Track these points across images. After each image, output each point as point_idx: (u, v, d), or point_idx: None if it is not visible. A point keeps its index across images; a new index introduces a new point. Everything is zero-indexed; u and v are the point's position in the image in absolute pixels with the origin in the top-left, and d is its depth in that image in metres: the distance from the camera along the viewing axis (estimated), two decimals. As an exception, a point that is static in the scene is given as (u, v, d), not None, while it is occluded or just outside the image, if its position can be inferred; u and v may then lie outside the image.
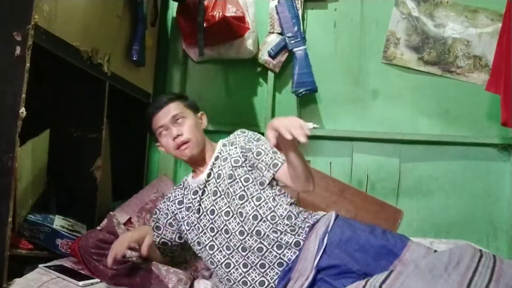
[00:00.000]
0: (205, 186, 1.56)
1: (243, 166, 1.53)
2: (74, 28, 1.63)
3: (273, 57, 2.38)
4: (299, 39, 2.35)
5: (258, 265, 1.43)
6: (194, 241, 1.55)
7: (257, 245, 1.43)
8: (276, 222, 1.44)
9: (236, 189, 1.49)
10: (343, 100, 2.45)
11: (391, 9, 2.42)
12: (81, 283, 1.39)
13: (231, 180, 1.51)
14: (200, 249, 1.54)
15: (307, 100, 2.44)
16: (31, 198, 1.64)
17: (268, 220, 1.44)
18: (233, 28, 2.23)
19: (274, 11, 2.41)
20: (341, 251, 1.35)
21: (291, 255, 1.41)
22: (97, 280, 1.45)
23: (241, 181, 1.50)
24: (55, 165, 1.81)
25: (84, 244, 1.51)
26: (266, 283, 1.41)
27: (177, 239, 1.65)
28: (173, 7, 2.50)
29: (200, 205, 1.54)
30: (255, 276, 1.42)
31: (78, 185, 1.88)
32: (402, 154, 2.39)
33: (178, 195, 1.64)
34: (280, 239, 1.42)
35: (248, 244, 1.43)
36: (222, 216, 1.49)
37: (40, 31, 1.41)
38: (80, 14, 1.67)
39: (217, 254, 1.48)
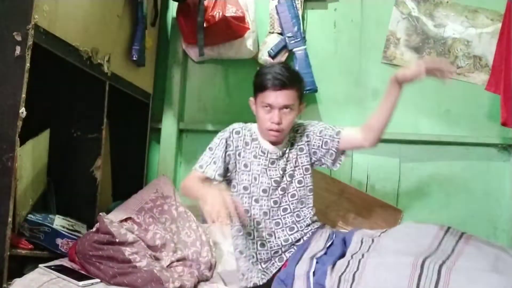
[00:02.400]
0: (275, 159, 1.65)
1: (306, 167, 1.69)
2: (74, 28, 1.63)
3: (273, 57, 2.38)
4: (299, 39, 2.35)
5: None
6: (240, 184, 1.65)
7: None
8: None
9: (297, 174, 1.67)
10: (343, 100, 2.45)
11: (391, 9, 2.42)
12: (81, 283, 1.39)
13: (295, 166, 1.66)
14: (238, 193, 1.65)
15: (307, 100, 2.44)
16: (31, 198, 1.64)
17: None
18: (233, 28, 2.23)
19: (274, 11, 2.40)
20: None
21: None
22: (97, 280, 1.45)
23: (302, 169, 1.67)
24: (55, 165, 1.81)
25: (81, 248, 1.51)
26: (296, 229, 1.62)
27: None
28: (173, 7, 2.50)
29: (264, 169, 1.63)
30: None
31: (78, 185, 1.88)
32: (402, 154, 2.39)
33: (247, 136, 1.68)
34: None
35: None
36: (277, 190, 1.63)
37: (40, 31, 1.41)
38: (80, 14, 1.67)
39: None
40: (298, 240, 1.61)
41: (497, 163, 2.32)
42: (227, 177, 1.67)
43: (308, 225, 1.64)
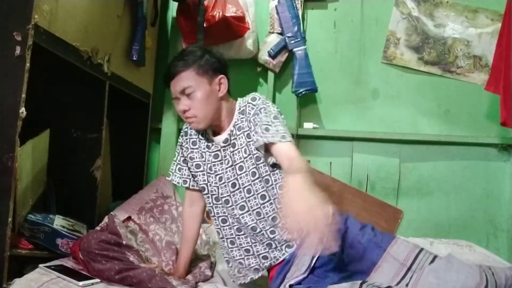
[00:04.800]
0: (219, 151, 1.50)
1: (253, 142, 1.45)
2: (74, 28, 1.63)
3: (273, 57, 2.38)
4: (299, 39, 2.35)
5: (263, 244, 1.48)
6: (201, 185, 1.55)
7: (252, 224, 1.47)
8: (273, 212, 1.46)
9: (249, 165, 1.46)
10: (343, 100, 2.45)
11: (391, 9, 2.42)
12: (81, 283, 1.38)
13: (246, 155, 1.46)
14: (206, 195, 1.56)
15: (307, 100, 2.44)
16: (31, 198, 1.64)
17: (269, 208, 1.46)
18: (233, 28, 2.24)
19: (274, 11, 2.41)
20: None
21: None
22: (97, 280, 1.45)
23: (253, 158, 1.46)
24: (55, 165, 1.81)
25: (86, 245, 1.50)
26: (269, 258, 1.48)
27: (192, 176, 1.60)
28: (173, 7, 2.50)
29: (211, 165, 1.51)
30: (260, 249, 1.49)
31: (78, 185, 1.88)
32: (402, 154, 2.39)
33: (193, 134, 1.56)
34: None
35: (247, 222, 1.48)
36: (228, 186, 1.49)
37: (40, 31, 1.41)
38: (80, 14, 1.67)
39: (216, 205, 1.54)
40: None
41: (497, 163, 2.33)
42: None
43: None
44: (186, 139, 1.58)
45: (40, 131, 1.73)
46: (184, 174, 1.60)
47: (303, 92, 2.31)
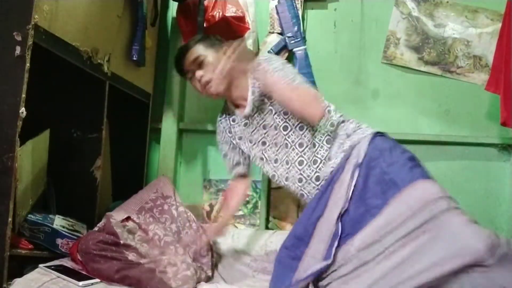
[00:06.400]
0: (250, 120, 1.67)
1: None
2: (74, 28, 1.63)
3: (273, 57, 2.38)
4: (299, 39, 2.35)
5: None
6: (257, 157, 1.70)
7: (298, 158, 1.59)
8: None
9: (279, 121, 1.60)
10: (343, 100, 2.44)
11: (391, 9, 2.42)
12: (81, 283, 1.39)
13: (273, 114, 1.62)
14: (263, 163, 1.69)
15: (307, 100, 2.44)
16: (31, 198, 1.64)
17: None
18: (233, 28, 2.23)
19: (274, 11, 2.41)
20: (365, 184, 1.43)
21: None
22: (97, 280, 1.45)
23: (281, 114, 1.61)
24: (55, 165, 1.81)
25: (84, 247, 1.51)
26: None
27: (245, 156, 1.77)
28: (173, 7, 2.50)
29: (251, 136, 1.68)
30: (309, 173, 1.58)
31: (78, 185, 1.88)
32: (402, 154, 2.39)
33: (226, 126, 1.77)
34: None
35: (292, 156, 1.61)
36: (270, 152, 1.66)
37: (40, 31, 1.41)
38: (80, 14, 1.67)
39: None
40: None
41: (497, 163, 2.33)
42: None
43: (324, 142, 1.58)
44: (223, 133, 1.78)
45: (40, 131, 1.73)
46: (240, 162, 1.78)
47: (303, 92, 2.31)
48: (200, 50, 1.65)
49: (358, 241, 1.33)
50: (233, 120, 1.74)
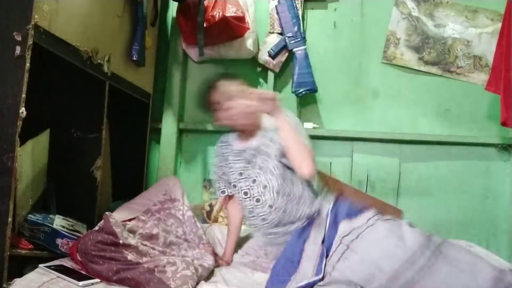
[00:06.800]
0: (249, 155, 1.79)
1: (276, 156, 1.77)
2: (74, 28, 1.63)
3: (273, 57, 2.38)
4: (299, 39, 2.35)
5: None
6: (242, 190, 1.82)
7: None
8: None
9: (277, 170, 1.75)
10: (343, 100, 2.45)
11: (391, 9, 2.42)
12: (81, 283, 1.39)
13: (271, 160, 1.76)
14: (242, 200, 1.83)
15: (307, 100, 2.44)
16: (31, 198, 1.64)
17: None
18: (233, 28, 2.23)
19: (274, 11, 2.41)
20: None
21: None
22: (97, 280, 1.45)
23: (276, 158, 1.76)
24: (55, 165, 1.81)
25: (83, 247, 1.51)
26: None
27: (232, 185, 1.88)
28: (173, 7, 2.50)
29: (242, 170, 1.80)
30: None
31: (78, 185, 1.88)
32: (402, 154, 2.39)
33: (225, 152, 1.88)
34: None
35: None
36: (259, 187, 1.77)
37: (40, 31, 1.41)
38: (80, 14, 1.67)
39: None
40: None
41: (497, 163, 2.33)
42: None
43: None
44: (219, 156, 1.90)
45: (40, 131, 1.73)
46: (221, 186, 1.91)
47: (303, 92, 2.31)
48: (230, 85, 1.79)
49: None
50: (231, 149, 1.85)
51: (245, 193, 1.79)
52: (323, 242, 1.54)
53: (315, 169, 1.69)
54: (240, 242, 1.98)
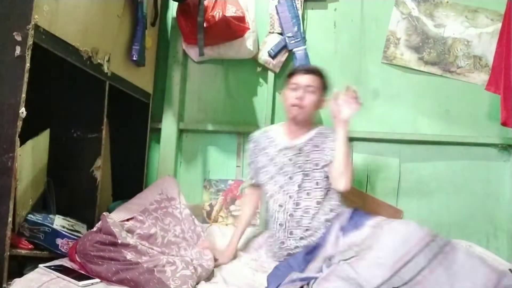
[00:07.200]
0: (293, 152, 1.87)
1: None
2: (74, 28, 1.63)
3: (273, 57, 2.38)
4: (299, 39, 2.35)
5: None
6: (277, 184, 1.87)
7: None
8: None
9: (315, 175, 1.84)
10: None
11: (391, 9, 2.42)
12: (81, 283, 1.39)
13: (313, 165, 1.84)
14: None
15: (307, 100, 2.44)
16: (31, 198, 1.64)
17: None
18: (233, 28, 2.23)
19: (274, 11, 2.41)
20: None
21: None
22: (97, 280, 1.45)
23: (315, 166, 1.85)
24: (55, 165, 1.81)
25: (82, 248, 1.51)
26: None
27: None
28: (173, 7, 2.50)
29: (283, 165, 1.86)
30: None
31: (78, 185, 1.88)
32: (402, 154, 2.39)
33: (265, 142, 1.95)
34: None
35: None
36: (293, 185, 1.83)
37: (40, 31, 1.41)
38: (80, 14, 1.67)
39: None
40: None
41: (497, 163, 2.33)
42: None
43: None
44: (257, 149, 1.97)
45: (40, 131, 1.73)
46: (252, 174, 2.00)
47: (303, 92, 2.31)
48: (319, 84, 1.90)
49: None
50: (274, 142, 1.93)
51: (281, 187, 1.85)
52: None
53: (350, 186, 1.81)
54: (241, 242, 1.98)
